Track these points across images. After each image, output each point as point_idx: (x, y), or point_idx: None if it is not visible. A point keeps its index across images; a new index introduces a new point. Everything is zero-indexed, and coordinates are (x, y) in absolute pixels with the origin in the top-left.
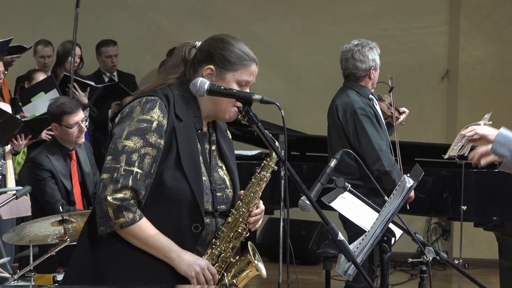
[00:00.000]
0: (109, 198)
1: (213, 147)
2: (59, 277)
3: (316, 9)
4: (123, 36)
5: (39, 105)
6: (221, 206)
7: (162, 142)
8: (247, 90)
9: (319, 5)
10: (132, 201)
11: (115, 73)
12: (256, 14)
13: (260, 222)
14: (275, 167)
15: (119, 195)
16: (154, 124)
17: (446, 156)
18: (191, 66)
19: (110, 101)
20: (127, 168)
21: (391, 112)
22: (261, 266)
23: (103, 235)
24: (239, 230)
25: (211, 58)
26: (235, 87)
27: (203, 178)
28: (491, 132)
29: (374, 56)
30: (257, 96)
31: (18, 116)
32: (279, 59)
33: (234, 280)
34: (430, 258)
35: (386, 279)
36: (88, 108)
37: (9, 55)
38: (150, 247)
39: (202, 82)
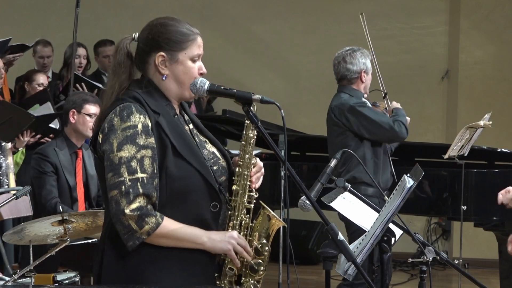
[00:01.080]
0: (126, 211)
1: (191, 126)
2: (59, 277)
3: (316, 9)
4: (123, 36)
5: (35, 114)
6: (221, 178)
7: (152, 140)
8: (200, 64)
9: (319, 5)
10: (149, 206)
11: None
12: (256, 14)
13: (260, 179)
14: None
15: (135, 205)
16: (139, 127)
17: (446, 156)
18: (139, 59)
19: None
20: (131, 177)
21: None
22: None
23: (132, 249)
24: (250, 193)
25: (158, 45)
26: (191, 65)
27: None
28: None
29: (365, 60)
30: (257, 96)
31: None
32: (279, 59)
33: (263, 241)
34: (430, 258)
35: (386, 279)
36: None
37: (11, 54)
38: (180, 240)
39: (202, 82)
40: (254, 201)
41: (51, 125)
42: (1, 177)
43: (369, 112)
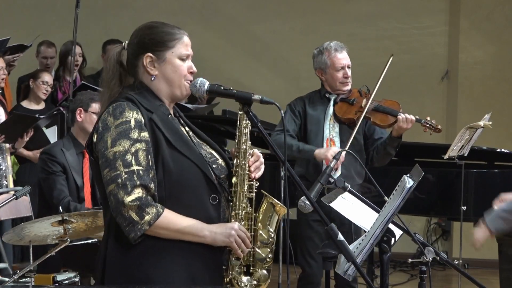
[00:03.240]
0: (126, 202)
1: (187, 129)
2: (59, 277)
3: (316, 9)
4: (123, 36)
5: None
6: (221, 176)
7: (146, 134)
8: (190, 63)
9: (319, 5)
10: (148, 197)
11: None
12: (256, 14)
13: (262, 167)
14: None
15: (134, 196)
16: (132, 122)
17: (446, 156)
18: (129, 64)
19: None
20: (127, 170)
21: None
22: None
23: (135, 241)
24: (250, 183)
25: (145, 47)
26: (180, 63)
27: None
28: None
29: (321, 57)
30: (256, 96)
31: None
32: (279, 59)
33: (268, 228)
34: (430, 258)
35: (386, 279)
36: None
37: (11, 54)
38: (181, 232)
39: (202, 82)
40: (255, 190)
41: (48, 136)
42: (1, 179)
43: (285, 112)
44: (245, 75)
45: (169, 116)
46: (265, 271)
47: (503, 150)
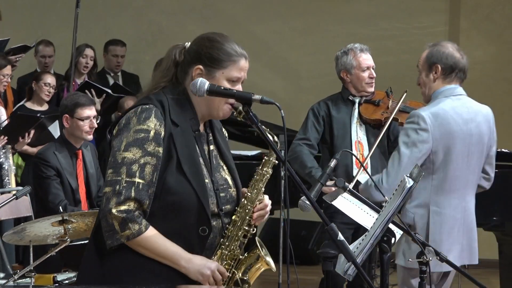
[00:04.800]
0: (113, 211)
1: (212, 147)
2: (59, 277)
3: (316, 9)
4: (123, 36)
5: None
6: (226, 206)
7: (160, 150)
8: (239, 87)
9: (319, 5)
10: (137, 212)
11: (119, 74)
12: (256, 14)
13: (266, 217)
14: (276, 161)
15: (123, 207)
16: (152, 133)
17: None
18: (182, 68)
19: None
20: (128, 179)
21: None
22: (269, 259)
23: (110, 248)
24: (246, 228)
25: (199, 58)
26: (226, 84)
27: (205, 180)
28: None
29: (345, 59)
30: (257, 96)
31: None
32: (279, 59)
33: (245, 276)
34: (430, 258)
35: (386, 279)
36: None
37: (14, 55)
38: (159, 256)
39: (202, 82)
40: (250, 236)
41: (51, 131)
42: (3, 178)
43: (306, 119)
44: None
45: (197, 132)
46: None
47: (503, 150)
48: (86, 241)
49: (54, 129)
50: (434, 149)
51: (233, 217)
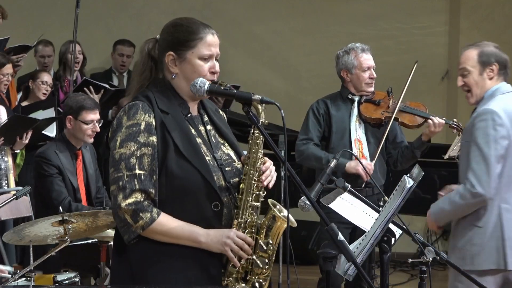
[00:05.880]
0: (122, 205)
1: (209, 127)
2: (59, 277)
3: (316, 9)
4: (123, 36)
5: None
6: (234, 179)
7: (154, 138)
8: (215, 64)
9: (319, 5)
10: (146, 202)
11: (125, 73)
12: (256, 14)
13: (274, 176)
14: (266, 121)
15: (131, 200)
16: (142, 125)
17: (446, 156)
18: (158, 58)
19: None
20: (129, 173)
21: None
22: (285, 214)
23: (130, 243)
24: (256, 192)
25: (168, 45)
26: (200, 63)
27: (207, 158)
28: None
29: (346, 58)
30: (257, 96)
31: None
32: (279, 59)
33: (268, 240)
34: (430, 258)
35: (386, 279)
36: None
37: (14, 55)
38: (177, 238)
39: (202, 82)
40: (262, 199)
41: (46, 132)
42: (1, 179)
43: (306, 118)
44: (245, 75)
45: (189, 115)
46: (260, 281)
47: None
48: (86, 241)
49: (50, 115)
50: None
51: (241, 185)
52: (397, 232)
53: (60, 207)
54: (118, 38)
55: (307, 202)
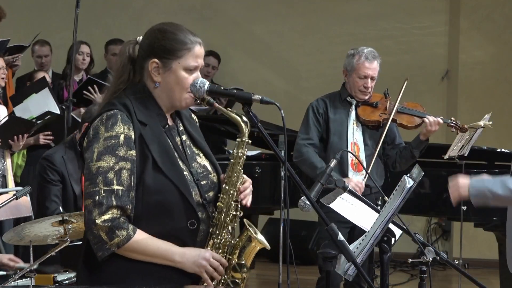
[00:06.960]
0: (98, 222)
1: (184, 137)
2: (59, 277)
3: (316, 9)
4: (123, 36)
5: (31, 105)
6: (209, 194)
7: (133, 153)
8: (197, 74)
9: (319, 5)
10: (121, 218)
11: None
12: (256, 14)
13: (250, 196)
14: (249, 141)
15: (107, 216)
16: (121, 138)
17: (446, 156)
18: (138, 64)
19: None
20: (106, 188)
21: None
22: (261, 237)
23: (102, 260)
24: (233, 212)
25: (153, 51)
26: (184, 76)
27: (184, 172)
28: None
29: (348, 60)
30: (257, 97)
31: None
32: (279, 59)
33: (241, 260)
34: (430, 258)
35: (386, 279)
36: None
37: (10, 55)
38: (152, 256)
39: (202, 83)
40: (239, 219)
41: (41, 98)
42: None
43: (305, 117)
44: (245, 75)
45: (166, 126)
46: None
47: (503, 150)
48: None
49: (43, 97)
50: None
51: (218, 204)
52: (397, 232)
53: (60, 207)
54: (118, 38)
55: (307, 202)
